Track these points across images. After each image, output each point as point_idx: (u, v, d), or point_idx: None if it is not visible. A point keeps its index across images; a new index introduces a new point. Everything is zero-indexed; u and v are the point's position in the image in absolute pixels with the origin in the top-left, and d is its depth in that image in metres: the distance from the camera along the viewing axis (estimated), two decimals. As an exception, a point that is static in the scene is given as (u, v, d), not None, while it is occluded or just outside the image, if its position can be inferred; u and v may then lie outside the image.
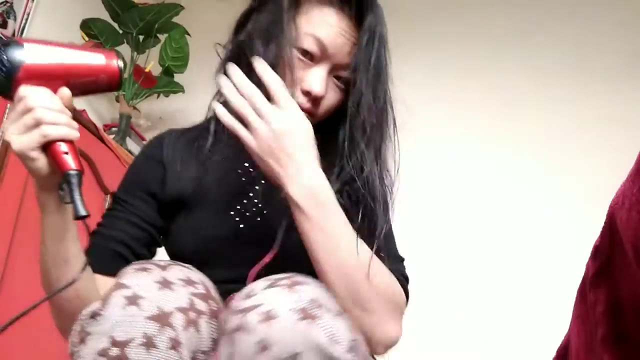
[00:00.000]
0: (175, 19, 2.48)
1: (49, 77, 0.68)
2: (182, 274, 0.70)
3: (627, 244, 0.42)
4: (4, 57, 0.66)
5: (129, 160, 2.13)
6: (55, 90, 0.69)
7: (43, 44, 0.70)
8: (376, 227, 0.83)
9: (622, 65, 2.29)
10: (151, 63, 2.49)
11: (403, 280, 0.86)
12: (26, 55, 0.67)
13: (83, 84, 0.71)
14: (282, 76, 0.80)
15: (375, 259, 0.78)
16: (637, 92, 2.23)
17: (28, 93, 0.66)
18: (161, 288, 0.66)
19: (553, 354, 0.62)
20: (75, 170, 0.68)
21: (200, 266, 0.84)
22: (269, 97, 0.76)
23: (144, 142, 2.59)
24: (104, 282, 0.80)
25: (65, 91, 0.69)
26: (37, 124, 0.66)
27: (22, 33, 2.10)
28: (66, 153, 0.67)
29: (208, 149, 0.91)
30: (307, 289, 0.67)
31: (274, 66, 0.79)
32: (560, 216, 2.17)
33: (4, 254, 1.54)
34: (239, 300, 0.69)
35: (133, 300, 0.64)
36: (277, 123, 0.74)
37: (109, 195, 1.91)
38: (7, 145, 1.57)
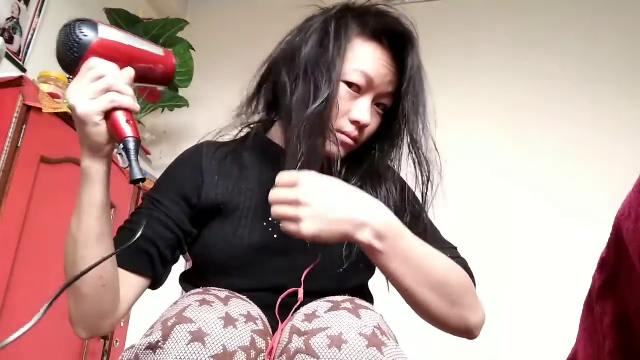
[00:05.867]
0: (180, 34, 2.50)
1: (117, 55, 0.73)
2: (243, 308, 0.71)
3: (634, 255, 0.42)
4: (80, 30, 0.71)
5: (134, 174, 2.13)
6: (120, 68, 0.73)
7: (114, 27, 0.76)
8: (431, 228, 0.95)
9: (632, 74, 2.30)
10: (156, 77, 2.50)
11: (467, 264, 0.91)
12: (100, 31, 0.72)
13: (142, 69, 0.76)
14: (331, 108, 0.85)
15: (447, 259, 0.80)
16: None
17: (99, 63, 0.70)
18: (225, 325, 0.65)
19: (560, 367, 0.62)
20: (135, 137, 0.71)
21: (230, 274, 0.85)
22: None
23: (149, 156, 2.60)
24: (125, 278, 0.81)
25: (130, 70, 0.73)
26: (107, 91, 0.69)
27: (28, 48, 2.12)
28: (127, 121, 0.71)
29: (244, 163, 0.94)
30: (370, 314, 0.69)
31: (327, 100, 0.84)
32: (567, 227, 2.16)
33: (9, 266, 1.54)
34: (299, 320, 0.69)
35: (198, 336, 0.63)
36: (308, 196, 0.70)
37: (114, 210, 1.92)
38: (12, 159, 1.58)
